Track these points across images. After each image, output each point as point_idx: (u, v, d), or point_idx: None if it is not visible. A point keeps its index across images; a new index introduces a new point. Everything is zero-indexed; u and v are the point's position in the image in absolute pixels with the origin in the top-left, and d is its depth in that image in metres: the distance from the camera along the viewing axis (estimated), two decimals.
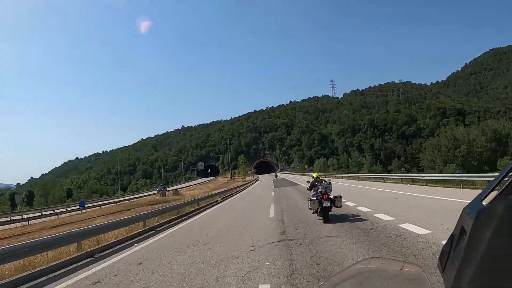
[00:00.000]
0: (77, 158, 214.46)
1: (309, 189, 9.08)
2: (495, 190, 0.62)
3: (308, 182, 9.40)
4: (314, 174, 9.31)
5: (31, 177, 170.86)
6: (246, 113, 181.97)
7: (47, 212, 29.71)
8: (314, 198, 8.14)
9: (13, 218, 27.51)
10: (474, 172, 21.31)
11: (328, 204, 7.80)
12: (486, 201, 0.59)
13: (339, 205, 8.22)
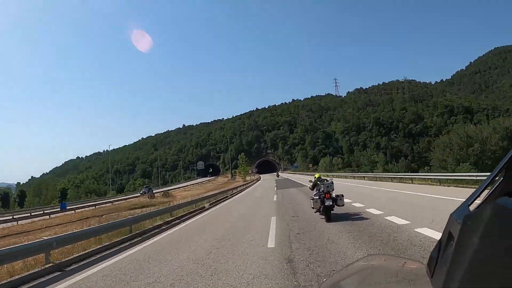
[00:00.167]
0: (78, 158, 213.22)
1: (312, 189, 9.29)
2: (481, 196, 0.63)
3: (311, 182, 9.56)
4: (316, 175, 9.70)
5: (32, 176, 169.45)
6: (248, 112, 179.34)
7: (21, 216, 26.66)
8: (317, 197, 8.22)
9: None
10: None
11: (331, 203, 7.94)
12: (473, 207, 0.59)
13: (341, 204, 8.25)
